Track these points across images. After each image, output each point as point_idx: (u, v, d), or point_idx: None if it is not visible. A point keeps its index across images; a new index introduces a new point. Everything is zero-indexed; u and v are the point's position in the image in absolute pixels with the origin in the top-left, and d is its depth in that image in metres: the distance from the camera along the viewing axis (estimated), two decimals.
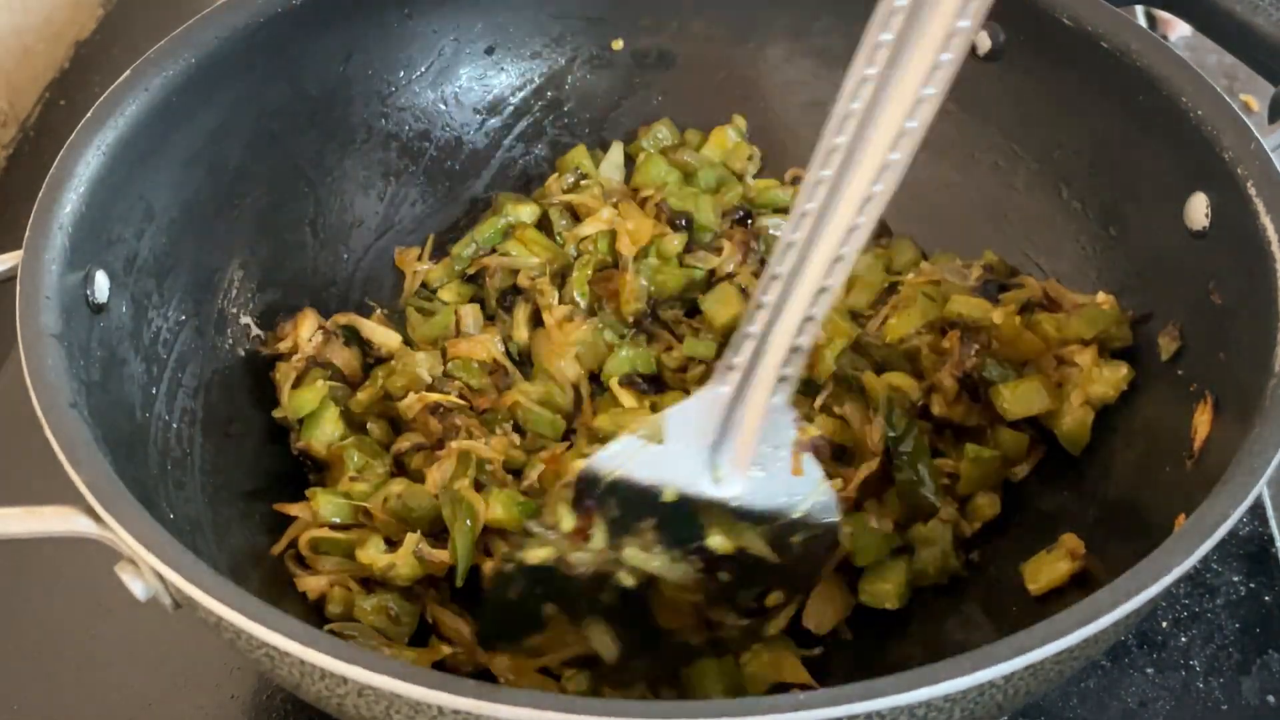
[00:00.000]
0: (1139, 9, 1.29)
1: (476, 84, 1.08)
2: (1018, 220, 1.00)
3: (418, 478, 0.90)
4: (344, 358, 0.96)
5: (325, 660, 0.62)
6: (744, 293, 0.99)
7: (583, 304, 1.00)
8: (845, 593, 0.86)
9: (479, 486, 0.87)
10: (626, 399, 0.94)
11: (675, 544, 0.78)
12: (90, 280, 0.81)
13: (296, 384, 0.93)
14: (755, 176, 1.09)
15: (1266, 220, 0.80)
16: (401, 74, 1.05)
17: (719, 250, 1.02)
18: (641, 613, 0.79)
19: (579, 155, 1.08)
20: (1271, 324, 0.76)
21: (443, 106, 1.07)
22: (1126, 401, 0.89)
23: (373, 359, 0.98)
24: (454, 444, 0.89)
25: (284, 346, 0.96)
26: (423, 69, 1.06)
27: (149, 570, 0.70)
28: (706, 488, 0.78)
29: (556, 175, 1.07)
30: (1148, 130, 0.90)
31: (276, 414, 0.93)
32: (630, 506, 0.78)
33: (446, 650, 0.83)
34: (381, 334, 0.97)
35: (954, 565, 0.87)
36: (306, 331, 0.95)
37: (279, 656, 0.64)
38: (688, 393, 0.92)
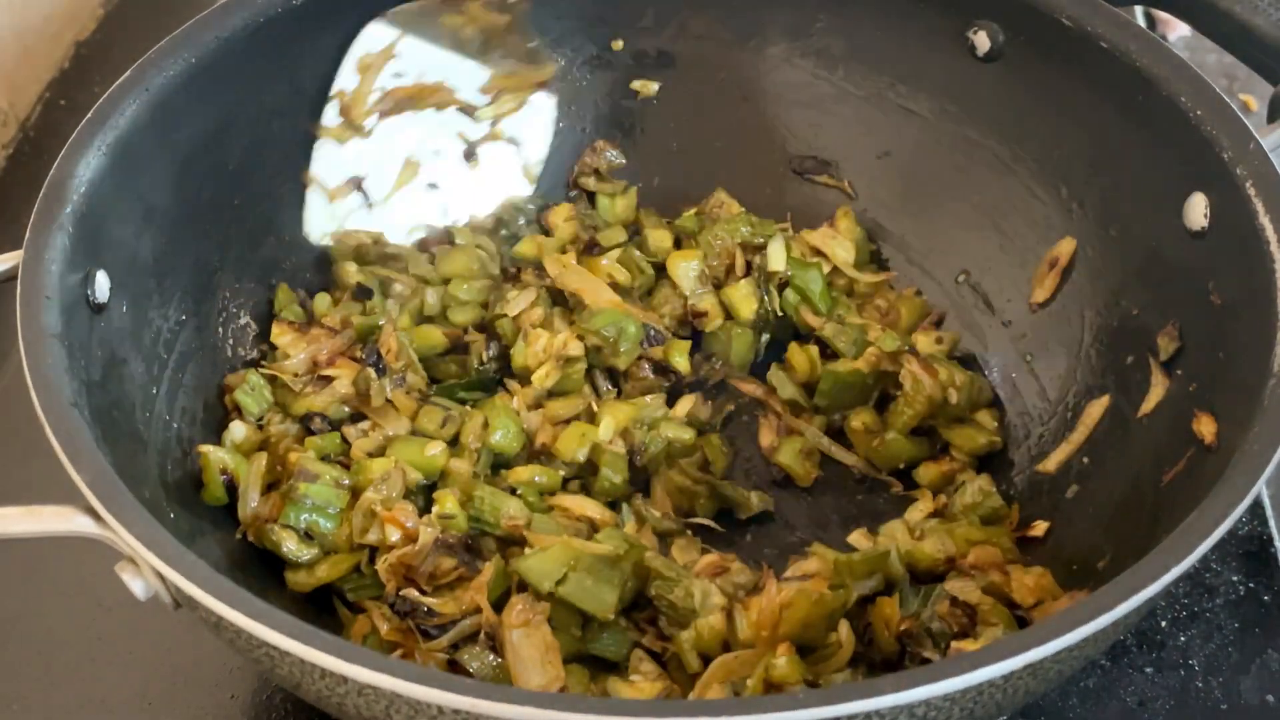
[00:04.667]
0: (1138, 9, 1.29)
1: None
2: (1018, 221, 1.00)
3: None
4: None
5: (325, 660, 0.62)
6: None
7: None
8: None
9: None
10: None
11: None
12: (90, 280, 0.81)
13: None
14: None
15: (1265, 220, 0.80)
16: None
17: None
18: None
19: None
20: (1271, 324, 0.76)
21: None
22: (1127, 401, 0.89)
23: None
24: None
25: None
26: None
27: (149, 570, 0.70)
28: None
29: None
30: (1147, 130, 0.90)
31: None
32: None
33: None
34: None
35: None
36: None
37: (279, 656, 0.64)
38: None
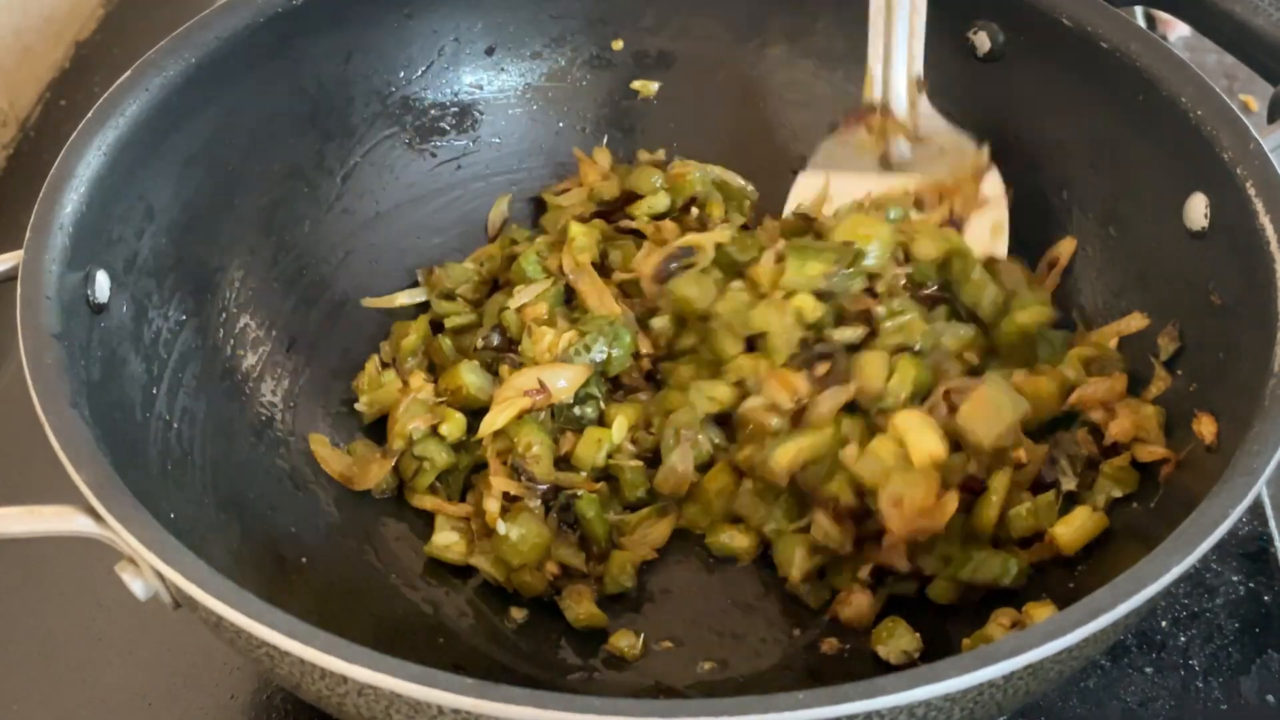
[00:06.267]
0: (1139, 9, 1.29)
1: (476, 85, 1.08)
2: (1018, 221, 1.00)
3: None
4: None
5: (325, 660, 0.62)
6: None
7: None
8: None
9: None
10: None
11: None
12: (90, 280, 0.81)
13: None
14: None
15: (1266, 220, 0.80)
16: (401, 74, 1.05)
17: None
18: None
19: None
20: (1271, 324, 0.76)
21: (443, 107, 1.07)
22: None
23: None
24: None
25: None
26: (423, 69, 1.06)
27: (149, 570, 0.70)
28: None
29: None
30: (1148, 130, 0.90)
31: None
32: None
33: None
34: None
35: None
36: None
37: (279, 656, 0.64)
38: None
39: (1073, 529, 0.84)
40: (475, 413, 0.94)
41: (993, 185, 1.01)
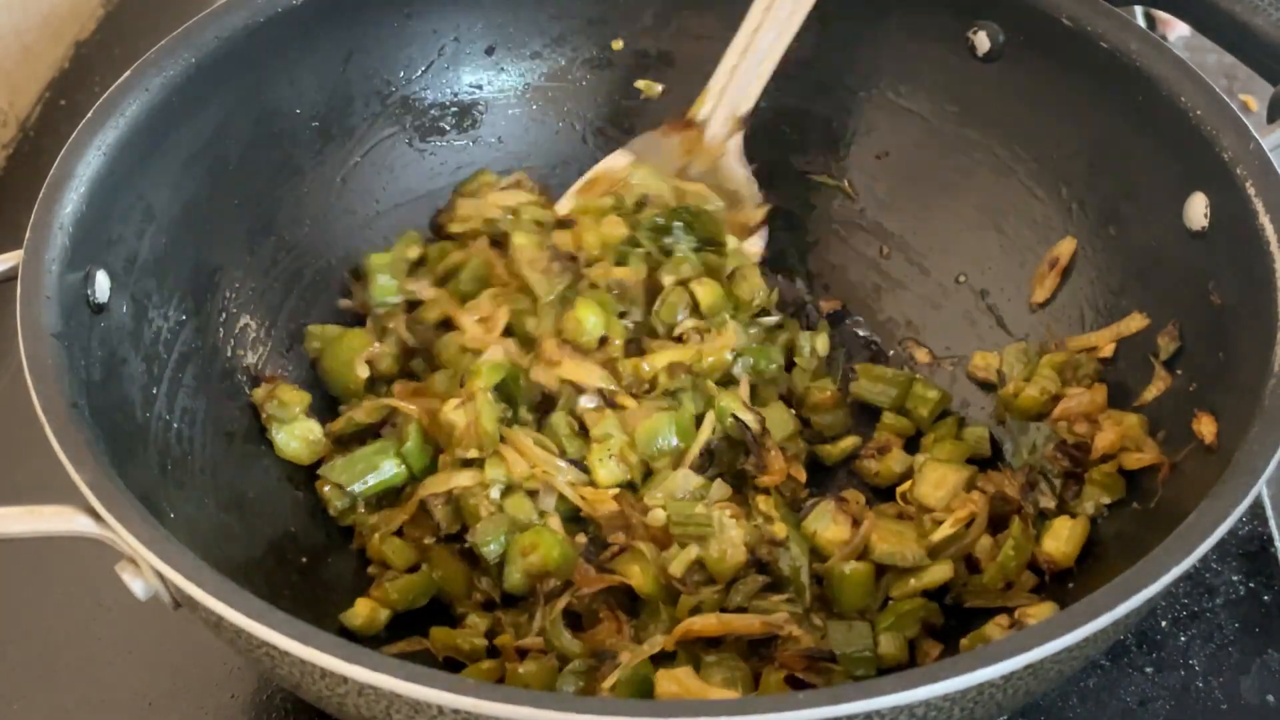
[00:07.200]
0: (1139, 9, 1.29)
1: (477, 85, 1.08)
2: (1018, 221, 1.00)
3: None
4: None
5: (325, 660, 0.62)
6: None
7: None
8: None
9: None
10: None
11: None
12: (90, 280, 0.81)
13: None
14: None
15: (1265, 220, 0.80)
16: (401, 74, 1.05)
17: None
18: None
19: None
20: (1271, 324, 0.76)
21: (443, 107, 1.07)
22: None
23: None
24: None
25: None
26: (423, 69, 1.06)
27: (149, 570, 0.70)
28: None
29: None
30: (1147, 130, 0.90)
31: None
32: None
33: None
34: None
35: None
36: None
37: (279, 656, 0.64)
38: None
39: (1062, 541, 0.84)
40: None
41: (755, 245, 1.06)
